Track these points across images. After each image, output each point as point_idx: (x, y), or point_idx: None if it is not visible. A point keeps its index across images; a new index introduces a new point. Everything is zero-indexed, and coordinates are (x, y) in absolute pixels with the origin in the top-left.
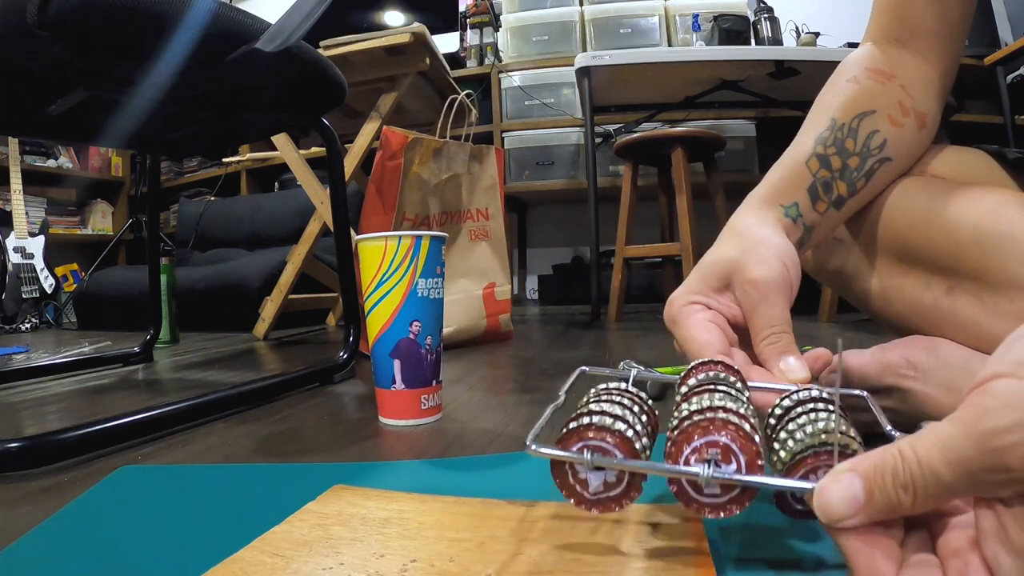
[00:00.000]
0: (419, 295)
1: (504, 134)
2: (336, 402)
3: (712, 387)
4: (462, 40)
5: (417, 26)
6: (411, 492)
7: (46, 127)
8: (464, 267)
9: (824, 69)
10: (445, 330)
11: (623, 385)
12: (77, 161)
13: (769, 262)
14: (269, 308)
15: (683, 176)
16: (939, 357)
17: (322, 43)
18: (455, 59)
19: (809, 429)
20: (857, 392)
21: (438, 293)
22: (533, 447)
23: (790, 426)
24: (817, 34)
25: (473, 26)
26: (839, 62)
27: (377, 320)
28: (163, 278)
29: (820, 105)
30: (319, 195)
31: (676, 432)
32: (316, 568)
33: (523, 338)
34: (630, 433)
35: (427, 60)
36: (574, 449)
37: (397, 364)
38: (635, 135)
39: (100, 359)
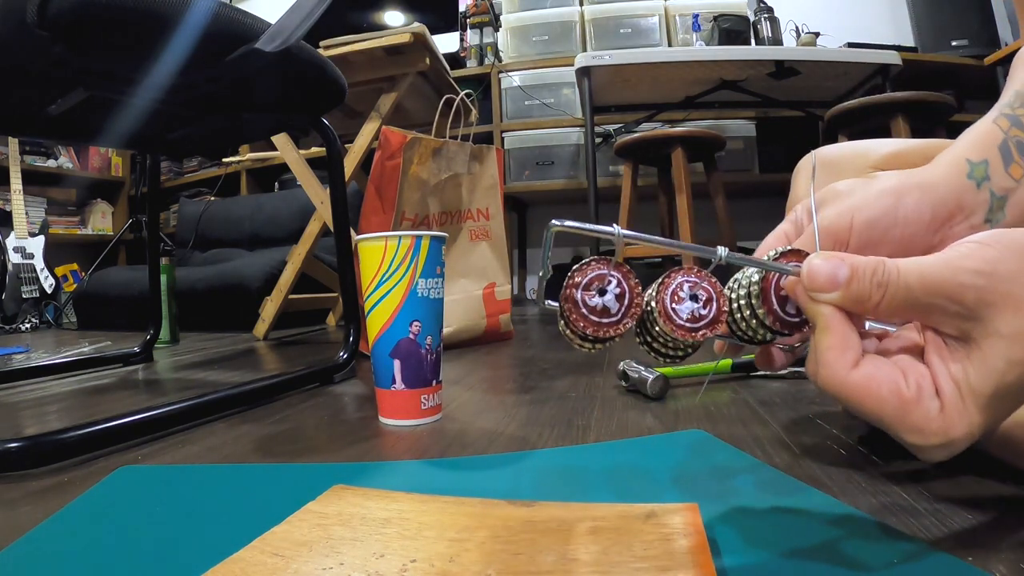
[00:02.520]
0: (419, 295)
1: (504, 134)
2: (336, 402)
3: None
4: (462, 40)
5: (417, 26)
6: (411, 492)
7: (46, 127)
8: (464, 267)
9: (824, 69)
10: (445, 330)
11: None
12: (77, 161)
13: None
14: (269, 308)
15: (683, 176)
16: None
17: (322, 43)
18: (455, 59)
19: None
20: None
21: (438, 293)
22: (556, 222)
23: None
24: (817, 34)
25: (473, 26)
26: (839, 62)
27: (377, 320)
28: (163, 278)
29: (1009, 79)
30: (319, 195)
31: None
32: (316, 568)
33: (523, 338)
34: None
35: (427, 60)
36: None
37: (397, 364)
38: (635, 135)
39: (100, 359)
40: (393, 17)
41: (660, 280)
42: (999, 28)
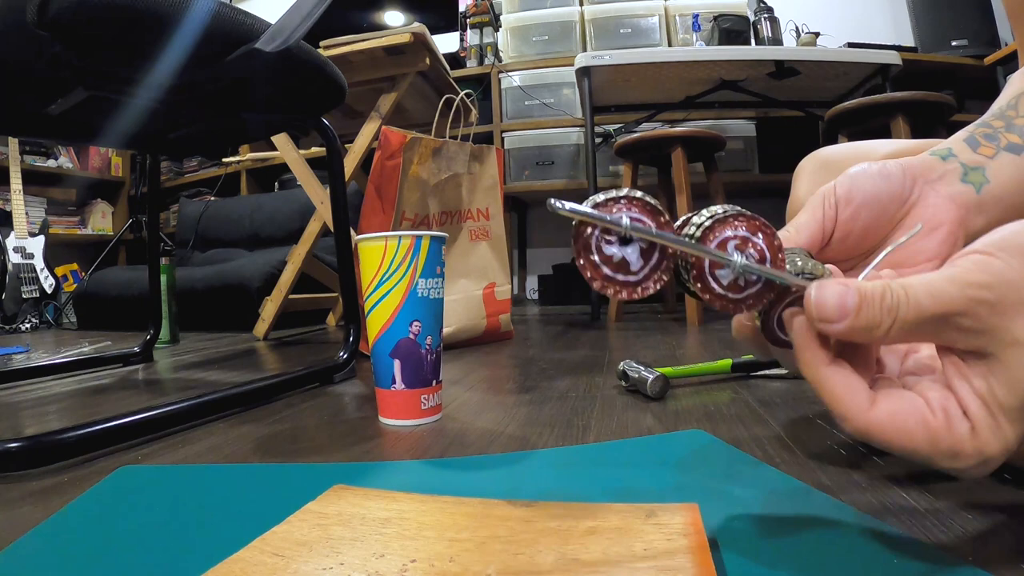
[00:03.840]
0: (419, 295)
1: (504, 134)
2: (336, 402)
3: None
4: (462, 40)
5: (417, 26)
6: (411, 492)
7: (46, 127)
8: (464, 267)
9: (824, 69)
10: (445, 330)
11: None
12: (77, 161)
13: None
14: (269, 308)
15: (683, 176)
16: None
17: (322, 43)
18: (455, 59)
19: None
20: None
21: (438, 293)
22: (556, 203)
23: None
24: (817, 34)
25: (473, 26)
26: (839, 62)
27: (377, 320)
28: (163, 278)
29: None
30: (319, 195)
31: (701, 228)
32: (316, 568)
33: (523, 338)
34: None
35: (427, 60)
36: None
37: (397, 364)
38: (635, 135)
39: (100, 359)
40: (393, 17)
41: (704, 224)
42: (999, 28)
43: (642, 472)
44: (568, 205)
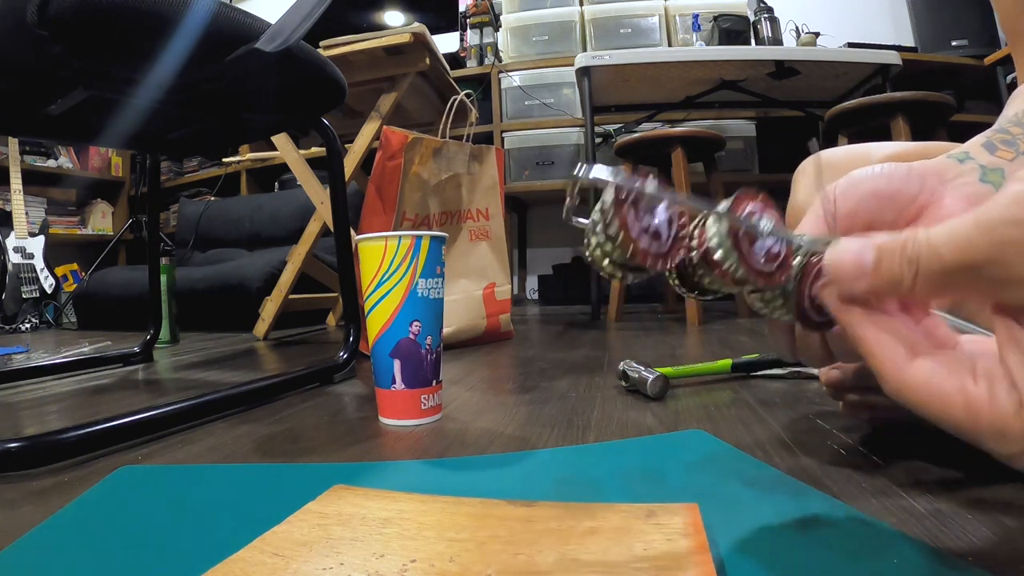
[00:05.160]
0: (419, 295)
1: (504, 134)
2: (336, 402)
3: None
4: (462, 40)
5: (417, 26)
6: (411, 492)
7: (46, 127)
8: (464, 267)
9: (824, 69)
10: (445, 330)
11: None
12: (77, 161)
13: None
14: (269, 308)
15: (683, 176)
16: None
17: (322, 43)
18: (455, 59)
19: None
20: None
21: (438, 293)
22: (582, 170)
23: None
24: (817, 34)
25: (473, 26)
26: (839, 62)
27: (377, 320)
28: (163, 278)
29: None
30: (319, 195)
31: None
32: (316, 568)
33: (523, 338)
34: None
35: (427, 60)
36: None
37: (397, 364)
38: (635, 135)
39: (100, 359)
40: (393, 17)
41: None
42: (999, 28)
43: (642, 472)
44: (593, 173)
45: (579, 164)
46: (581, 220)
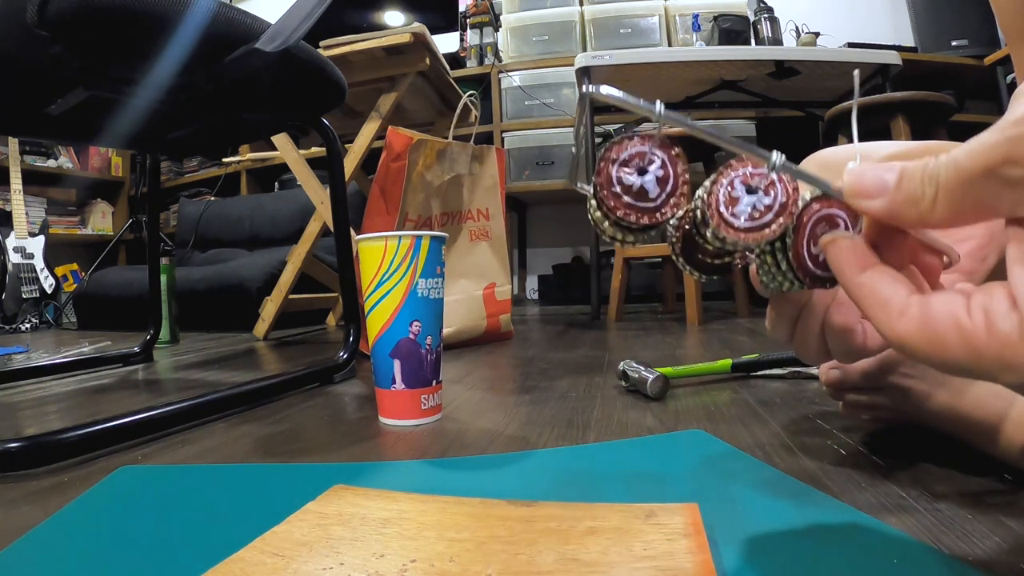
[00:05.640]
0: (419, 295)
1: (504, 134)
2: (336, 402)
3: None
4: (462, 40)
5: (417, 26)
6: (411, 492)
7: (46, 127)
8: (464, 267)
9: (824, 69)
10: (445, 330)
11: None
12: (77, 161)
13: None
14: (269, 308)
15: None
16: None
17: (322, 43)
18: (455, 59)
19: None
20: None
21: (438, 293)
22: (592, 88)
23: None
24: (817, 34)
25: (473, 26)
26: (839, 62)
27: (377, 320)
28: (163, 278)
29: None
30: (319, 195)
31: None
32: (316, 568)
33: (523, 338)
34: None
35: (427, 60)
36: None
37: (397, 364)
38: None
39: (100, 359)
40: (393, 17)
41: (711, 180)
42: (999, 28)
43: (642, 472)
44: (605, 90)
45: (586, 83)
46: (585, 187)
